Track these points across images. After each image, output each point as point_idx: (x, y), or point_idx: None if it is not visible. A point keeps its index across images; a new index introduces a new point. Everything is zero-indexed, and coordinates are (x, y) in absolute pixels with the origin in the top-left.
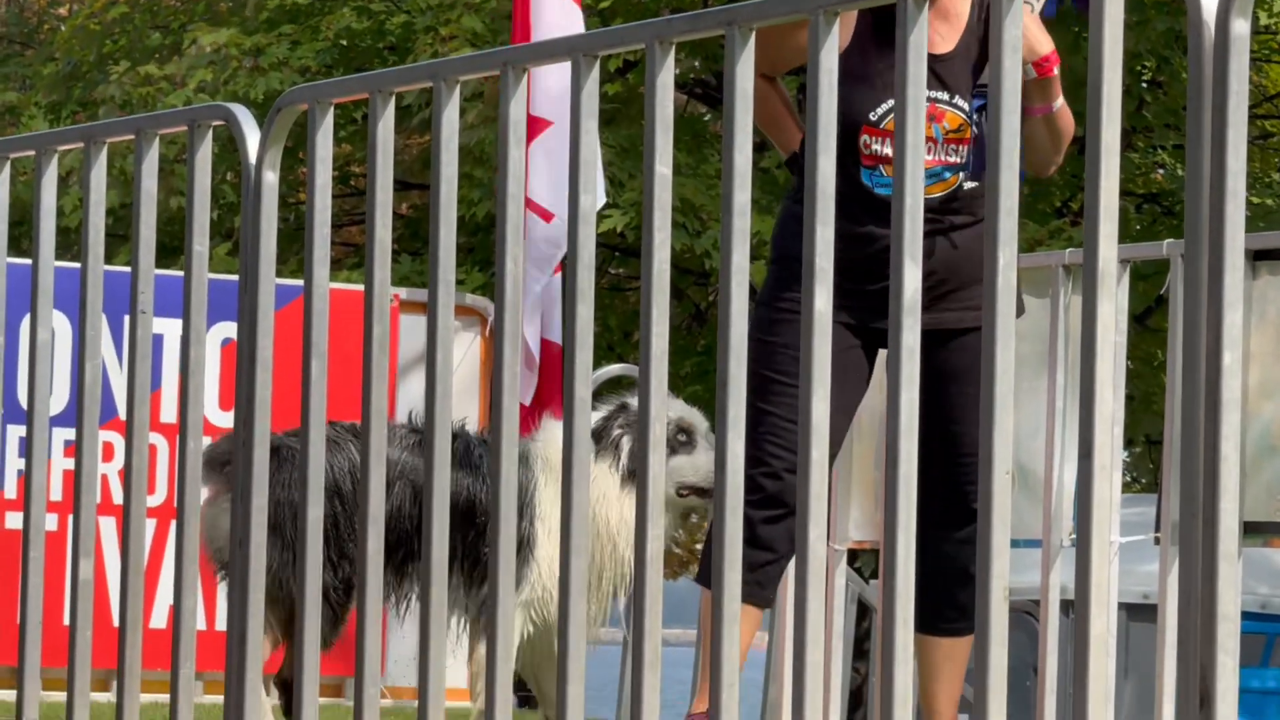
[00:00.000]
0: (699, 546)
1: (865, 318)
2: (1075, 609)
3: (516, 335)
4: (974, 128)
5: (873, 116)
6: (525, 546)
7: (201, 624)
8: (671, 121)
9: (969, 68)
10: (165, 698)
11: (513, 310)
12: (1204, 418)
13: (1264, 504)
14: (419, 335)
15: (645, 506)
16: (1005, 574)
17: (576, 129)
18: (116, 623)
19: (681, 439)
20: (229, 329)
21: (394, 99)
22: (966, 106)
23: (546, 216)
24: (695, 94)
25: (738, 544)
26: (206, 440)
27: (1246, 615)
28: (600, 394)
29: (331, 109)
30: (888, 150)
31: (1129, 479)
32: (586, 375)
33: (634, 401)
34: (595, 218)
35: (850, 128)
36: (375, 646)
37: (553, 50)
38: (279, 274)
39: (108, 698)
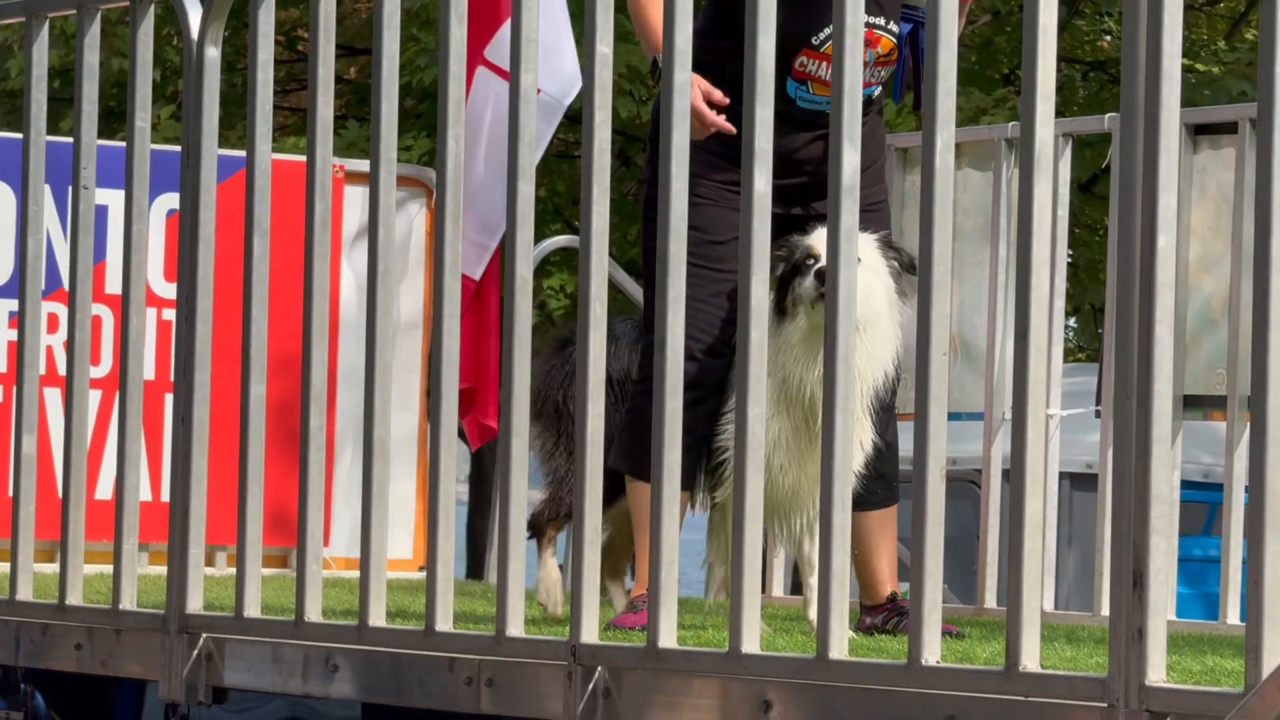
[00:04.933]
0: None
1: (780, 207)
2: (1010, 489)
3: (458, 215)
4: (901, 50)
5: (814, 40)
6: None
7: (146, 495)
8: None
9: None
10: (110, 569)
11: (454, 189)
12: (1139, 299)
13: (1204, 378)
14: (364, 206)
15: (586, 386)
16: (942, 455)
17: (517, 6)
18: (61, 494)
19: (810, 262)
20: (174, 200)
21: None
22: (898, 30)
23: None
24: None
25: (677, 423)
26: (150, 312)
27: (1189, 484)
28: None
29: None
30: (821, 72)
31: (1074, 346)
32: (528, 253)
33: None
34: (536, 94)
35: (789, 49)
36: (317, 520)
37: None
38: (226, 142)
39: (52, 569)
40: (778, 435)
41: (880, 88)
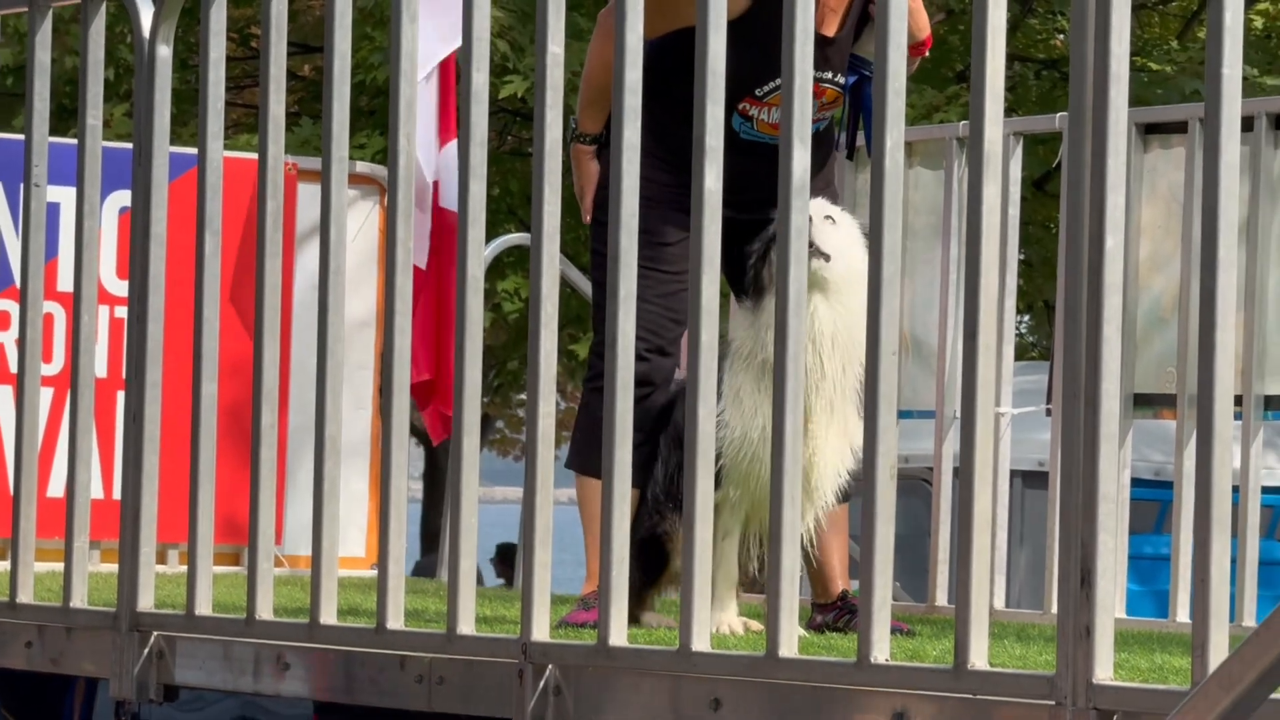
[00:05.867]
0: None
1: (730, 210)
2: (959, 488)
3: (409, 213)
4: (846, 97)
5: (759, 92)
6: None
7: (99, 493)
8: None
9: (850, 46)
10: (61, 566)
11: (405, 188)
12: (1087, 298)
13: (1154, 376)
14: (318, 203)
15: (537, 380)
16: (892, 453)
17: (468, 6)
18: (13, 491)
19: (831, 220)
20: (126, 197)
21: None
22: (844, 81)
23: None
24: None
25: (628, 422)
26: (103, 309)
27: (1140, 483)
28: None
29: None
30: (764, 116)
31: (1029, 343)
32: (479, 251)
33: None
34: (488, 94)
35: (734, 94)
36: (269, 518)
37: None
38: (181, 139)
39: (3, 566)
40: (764, 427)
41: (826, 120)
